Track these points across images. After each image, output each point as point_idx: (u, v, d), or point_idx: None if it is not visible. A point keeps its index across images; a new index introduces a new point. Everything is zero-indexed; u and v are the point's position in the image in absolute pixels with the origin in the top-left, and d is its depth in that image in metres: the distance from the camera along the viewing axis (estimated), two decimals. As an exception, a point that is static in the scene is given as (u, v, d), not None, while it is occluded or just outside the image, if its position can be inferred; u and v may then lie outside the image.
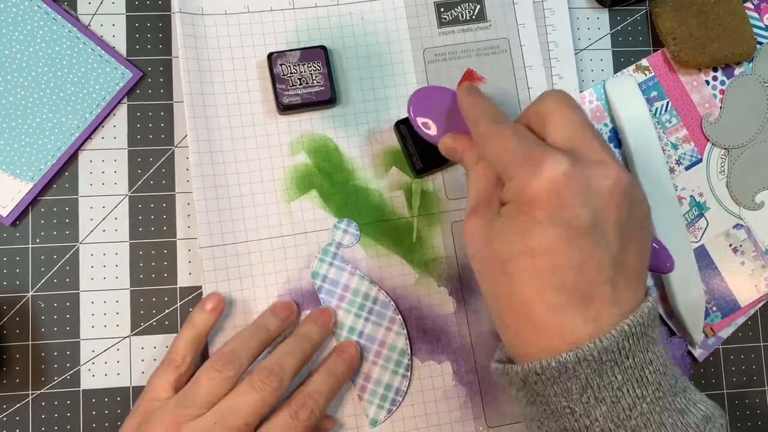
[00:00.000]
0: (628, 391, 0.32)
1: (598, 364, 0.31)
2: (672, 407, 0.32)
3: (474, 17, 0.48)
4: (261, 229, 0.46)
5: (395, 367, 0.45)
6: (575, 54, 0.49)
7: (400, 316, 0.46)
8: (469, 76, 0.48)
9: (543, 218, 0.32)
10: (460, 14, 0.48)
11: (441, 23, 0.48)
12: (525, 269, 0.32)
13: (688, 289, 0.47)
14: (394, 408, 0.45)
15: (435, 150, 0.42)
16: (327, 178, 0.47)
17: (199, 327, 0.43)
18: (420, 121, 0.42)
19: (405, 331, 0.46)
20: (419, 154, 0.45)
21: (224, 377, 0.40)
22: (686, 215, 0.49)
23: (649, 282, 0.49)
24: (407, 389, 0.46)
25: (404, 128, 0.45)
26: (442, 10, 0.48)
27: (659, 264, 0.40)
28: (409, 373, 0.46)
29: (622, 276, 0.33)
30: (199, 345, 0.43)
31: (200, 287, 0.46)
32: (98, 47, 0.46)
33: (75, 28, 0.46)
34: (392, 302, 0.46)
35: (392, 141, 0.47)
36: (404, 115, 0.47)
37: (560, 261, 0.32)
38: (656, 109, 0.50)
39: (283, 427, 0.39)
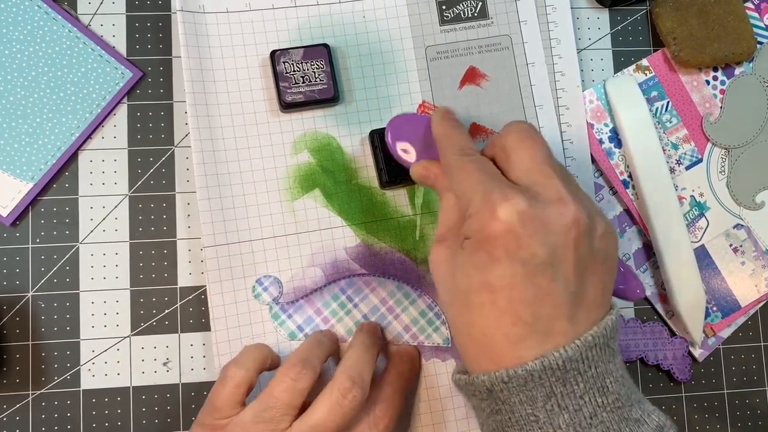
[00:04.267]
0: (590, 399, 0.33)
1: (562, 372, 0.32)
2: (629, 416, 0.33)
3: (476, 14, 0.48)
4: (264, 229, 0.46)
5: (410, 298, 0.46)
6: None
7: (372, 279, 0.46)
8: (471, 73, 0.48)
9: (501, 256, 0.33)
10: (461, 12, 0.48)
11: (443, 21, 0.48)
12: (485, 303, 0.34)
13: (688, 289, 0.47)
14: (443, 317, 0.46)
15: (403, 166, 0.44)
16: (330, 176, 0.47)
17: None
18: (399, 146, 0.43)
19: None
20: (387, 168, 0.45)
21: (300, 388, 0.38)
22: (686, 215, 0.49)
23: (650, 282, 0.49)
24: (433, 298, 0.46)
25: (377, 139, 0.45)
26: (443, 7, 0.48)
27: (628, 291, 0.41)
28: (419, 289, 0.46)
29: (582, 310, 0.34)
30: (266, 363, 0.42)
31: (200, 287, 0.46)
32: (98, 47, 0.46)
33: (75, 28, 0.46)
34: (359, 278, 0.46)
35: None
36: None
37: (518, 296, 0.33)
38: (656, 109, 0.50)
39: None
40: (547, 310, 0.33)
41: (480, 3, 0.48)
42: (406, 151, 0.43)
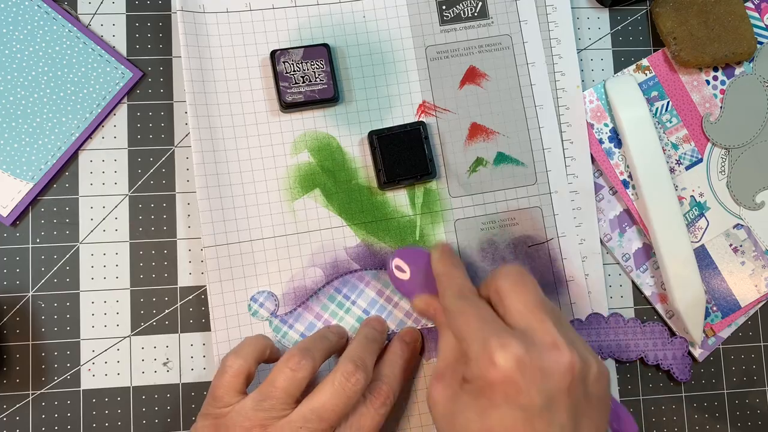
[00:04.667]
0: None
1: None
2: None
3: (476, 14, 0.48)
4: (264, 228, 0.46)
5: None
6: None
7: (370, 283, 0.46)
8: (472, 73, 0.48)
9: (500, 402, 0.34)
10: (461, 11, 0.48)
11: (443, 21, 0.48)
12: None
13: (688, 289, 0.47)
14: None
15: (401, 166, 0.44)
16: (330, 176, 0.47)
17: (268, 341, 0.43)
18: (394, 263, 0.44)
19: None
20: (386, 169, 0.45)
21: (299, 378, 0.39)
22: (686, 215, 0.49)
23: (650, 282, 0.49)
24: None
25: (376, 140, 0.45)
26: (443, 7, 0.48)
27: (623, 428, 0.42)
28: None
29: None
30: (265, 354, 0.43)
31: (200, 287, 0.46)
32: (98, 47, 0.46)
33: (75, 28, 0.46)
34: (352, 275, 0.46)
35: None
36: (393, 121, 0.47)
37: None
38: (656, 109, 0.50)
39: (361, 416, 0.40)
40: None
41: (480, 3, 0.48)
42: (400, 269, 0.44)
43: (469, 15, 0.48)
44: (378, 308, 0.46)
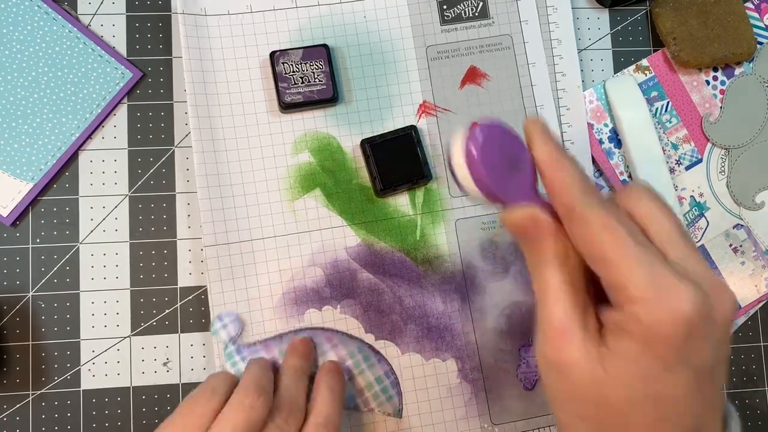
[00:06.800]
0: None
1: None
2: None
3: (477, 14, 0.48)
4: (265, 228, 0.46)
5: (369, 362, 0.45)
6: (575, 54, 0.49)
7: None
8: (472, 73, 0.48)
9: (673, 363, 0.27)
10: (462, 11, 0.48)
11: (444, 21, 0.48)
12: (649, 419, 0.28)
13: (688, 289, 0.47)
14: (398, 388, 0.45)
15: (396, 172, 0.44)
16: (331, 176, 0.47)
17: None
18: (480, 175, 0.30)
19: (357, 324, 0.45)
20: (381, 176, 0.45)
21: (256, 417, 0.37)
22: (686, 215, 0.49)
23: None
24: (391, 366, 0.46)
25: (368, 148, 0.45)
26: (444, 7, 0.48)
27: None
28: (379, 354, 0.46)
29: (721, 405, 0.31)
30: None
31: (200, 287, 0.46)
32: (98, 47, 0.46)
33: (75, 28, 0.46)
34: (323, 332, 0.45)
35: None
36: (393, 121, 0.47)
37: (688, 408, 0.28)
38: (656, 109, 0.50)
39: None
40: (705, 415, 0.29)
41: (481, 3, 0.48)
42: (482, 154, 0.30)
43: (470, 15, 0.48)
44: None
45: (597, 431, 0.30)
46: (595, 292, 0.31)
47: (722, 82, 0.50)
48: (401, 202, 0.47)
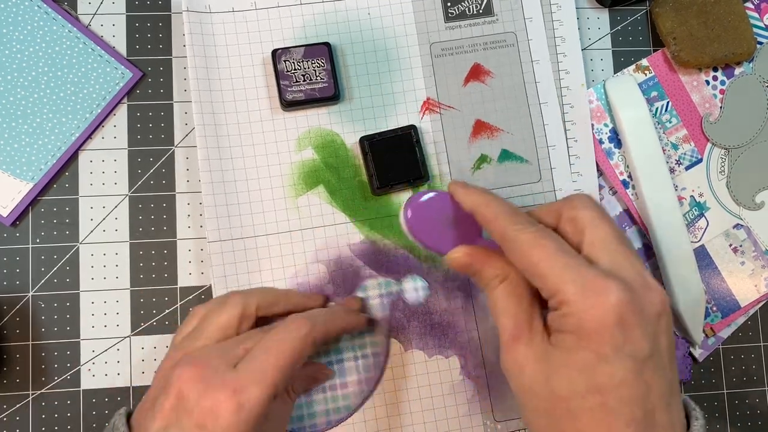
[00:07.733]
0: None
1: None
2: None
3: (481, 11, 0.48)
4: (269, 224, 0.46)
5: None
6: (576, 54, 0.49)
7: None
8: (476, 70, 0.48)
9: (609, 354, 0.30)
10: (467, 8, 0.48)
11: (448, 18, 0.48)
12: (593, 407, 0.31)
13: (688, 289, 0.47)
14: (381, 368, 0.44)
15: (394, 171, 0.44)
16: (334, 173, 0.47)
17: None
18: (421, 236, 0.39)
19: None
20: (378, 174, 0.45)
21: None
22: (686, 215, 0.49)
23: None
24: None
25: (367, 145, 0.45)
26: (448, 4, 0.48)
27: (681, 372, 0.41)
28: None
29: (675, 397, 0.32)
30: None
31: (201, 287, 0.46)
32: (98, 47, 0.46)
33: (75, 28, 0.46)
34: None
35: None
36: (397, 119, 0.47)
37: (629, 395, 0.31)
38: (656, 109, 0.50)
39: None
40: (653, 404, 0.31)
41: (485, 0, 0.48)
42: (419, 220, 0.39)
43: (474, 12, 0.48)
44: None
45: (551, 423, 0.32)
46: (541, 301, 0.34)
47: (722, 82, 0.50)
48: (404, 199, 0.47)
